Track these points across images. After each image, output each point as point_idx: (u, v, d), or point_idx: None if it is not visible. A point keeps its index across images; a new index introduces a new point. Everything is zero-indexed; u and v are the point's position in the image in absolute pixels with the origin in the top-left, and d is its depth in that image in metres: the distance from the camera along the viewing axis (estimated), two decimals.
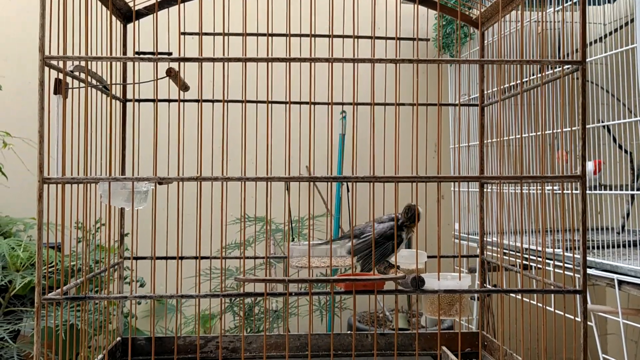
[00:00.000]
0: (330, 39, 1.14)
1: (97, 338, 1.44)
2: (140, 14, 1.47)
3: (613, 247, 1.91)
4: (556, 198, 1.91)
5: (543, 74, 1.11)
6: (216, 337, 1.40)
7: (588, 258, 1.79)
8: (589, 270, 1.78)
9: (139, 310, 2.65)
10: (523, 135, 1.78)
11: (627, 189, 2.01)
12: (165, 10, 1.48)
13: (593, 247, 1.96)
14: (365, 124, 1.34)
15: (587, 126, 2.01)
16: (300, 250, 1.36)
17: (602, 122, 2.05)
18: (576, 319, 1.76)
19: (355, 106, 1.12)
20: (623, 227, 2.15)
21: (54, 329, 1.10)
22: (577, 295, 1.18)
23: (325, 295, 2.47)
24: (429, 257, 1.47)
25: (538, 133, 2.01)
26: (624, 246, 1.92)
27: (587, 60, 1.99)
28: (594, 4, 2.35)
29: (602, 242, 1.90)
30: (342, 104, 1.53)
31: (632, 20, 1.92)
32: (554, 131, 1.47)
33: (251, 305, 2.33)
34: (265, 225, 2.44)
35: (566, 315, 1.33)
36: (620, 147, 2.06)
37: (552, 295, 1.63)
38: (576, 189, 2.10)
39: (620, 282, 1.68)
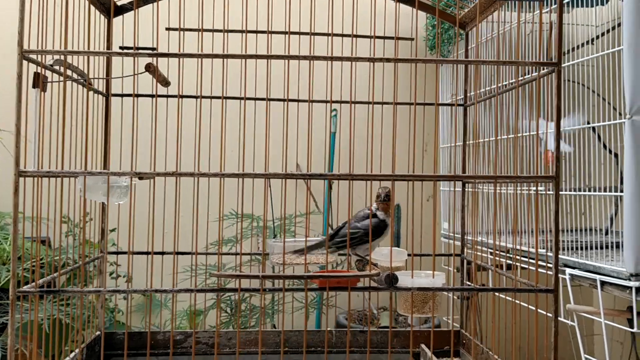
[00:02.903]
0: (291, 36, 1.14)
1: (82, 333, 1.45)
2: (125, 9, 1.47)
3: (598, 248, 1.92)
4: (541, 198, 1.91)
5: (518, 75, 1.12)
6: (196, 333, 1.41)
7: (571, 258, 1.80)
8: (572, 271, 1.79)
9: (130, 305, 2.66)
10: (502, 137, 1.78)
11: (613, 191, 2.02)
12: (151, 6, 1.48)
13: (578, 248, 1.97)
14: (355, 122, 1.35)
15: (574, 127, 2.02)
16: (281, 247, 1.36)
17: (589, 123, 2.05)
18: (559, 318, 1.77)
19: (331, 104, 1.12)
20: (609, 228, 2.16)
21: (29, 322, 1.11)
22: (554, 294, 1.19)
23: (313, 293, 2.48)
24: (416, 255, 1.48)
25: (520, 134, 2.01)
26: (608, 247, 1.92)
27: (575, 62, 2.00)
28: (586, 6, 2.35)
29: (587, 242, 1.91)
30: (320, 101, 1.53)
31: (619, 25, 1.92)
32: (539, 132, 1.48)
33: (237, 302, 2.34)
34: (259, 221, 2.44)
35: (545, 314, 1.34)
36: (604, 146, 2.07)
37: (535, 294, 1.64)
38: (564, 190, 2.11)
39: (603, 283, 1.68)
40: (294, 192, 2.48)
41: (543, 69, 1.12)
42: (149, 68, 1.21)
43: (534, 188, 1.21)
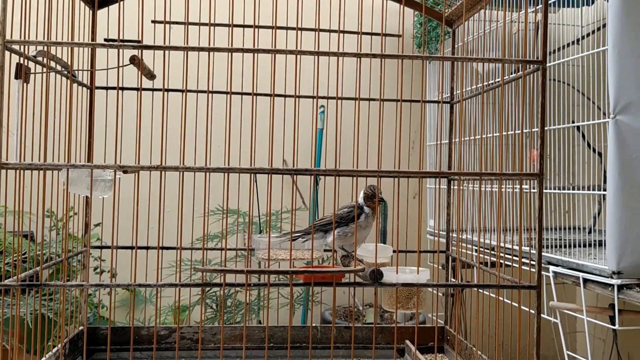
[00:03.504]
0: (278, 31, 1.14)
1: (66, 328, 1.43)
2: (110, 0, 1.46)
3: (582, 246, 1.95)
4: (525, 196, 1.93)
5: (503, 73, 1.13)
6: (180, 328, 1.40)
7: (555, 256, 1.83)
8: (556, 268, 1.81)
9: (114, 300, 2.64)
10: (488, 135, 1.80)
11: (597, 190, 2.04)
12: None
13: (562, 246, 1.99)
14: (342, 118, 1.35)
15: (559, 127, 2.04)
16: (266, 243, 1.36)
17: (574, 122, 2.07)
18: (542, 315, 1.79)
19: (317, 100, 1.11)
20: (592, 226, 2.18)
21: (11, 317, 1.09)
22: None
23: (300, 289, 2.48)
24: (402, 251, 1.49)
25: (510, 132, 2.03)
26: (591, 245, 1.95)
27: (560, 61, 2.02)
28: (573, 6, 2.37)
29: (571, 240, 1.93)
30: (306, 96, 1.53)
31: (604, 25, 1.94)
32: (526, 130, 1.49)
33: (225, 297, 2.33)
34: (245, 217, 2.43)
35: (528, 310, 1.35)
36: (588, 144, 2.09)
37: (519, 290, 1.66)
38: (549, 188, 2.13)
39: (586, 281, 1.70)
40: (281, 188, 2.47)
41: (528, 67, 1.13)
42: (133, 61, 1.19)
43: (520, 186, 1.22)
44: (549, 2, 2.13)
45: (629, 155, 1.63)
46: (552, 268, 1.83)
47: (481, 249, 1.89)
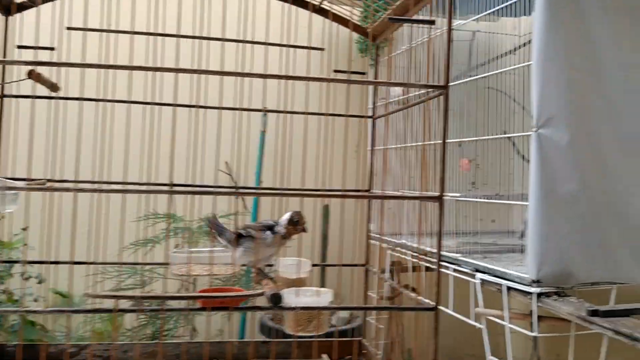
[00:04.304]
0: (204, 41, 1.12)
1: None
2: (23, 7, 1.40)
3: (513, 252, 1.99)
4: (456, 204, 1.97)
5: (407, 93, 1.14)
6: (90, 345, 1.36)
7: (481, 263, 1.86)
8: (482, 275, 1.84)
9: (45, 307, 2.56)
10: (405, 145, 1.81)
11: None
12: (51, 4, 1.41)
13: (492, 252, 2.04)
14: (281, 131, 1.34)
15: (491, 137, 2.08)
16: (181, 258, 1.34)
17: (506, 132, 2.12)
18: (469, 321, 1.83)
19: (238, 111, 1.10)
20: (523, 233, 2.24)
21: None
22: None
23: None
24: (321, 265, 1.48)
25: (421, 143, 2.05)
26: (521, 251, 2.00)
27: (496, 72, 2.06)
28: (511, 16, 2.42)
29: (502, 247, 1.97)
30: (230, 108, 1.51)
31: None
32: (438, 142, 1.51)
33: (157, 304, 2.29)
34: (181, 222, 2.39)
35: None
36: (517, 152, 2.14)
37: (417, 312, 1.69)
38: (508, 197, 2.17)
39: (509, 288, 1.74)
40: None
41: (433, 91, 1.14)
42: (31, 75, 1.15)
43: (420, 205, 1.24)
44: (493, 10, 2.17)
45: (550, 168, 1.67)
46: (478, 275, 1.87)
47: (403, 256, 1.91)
